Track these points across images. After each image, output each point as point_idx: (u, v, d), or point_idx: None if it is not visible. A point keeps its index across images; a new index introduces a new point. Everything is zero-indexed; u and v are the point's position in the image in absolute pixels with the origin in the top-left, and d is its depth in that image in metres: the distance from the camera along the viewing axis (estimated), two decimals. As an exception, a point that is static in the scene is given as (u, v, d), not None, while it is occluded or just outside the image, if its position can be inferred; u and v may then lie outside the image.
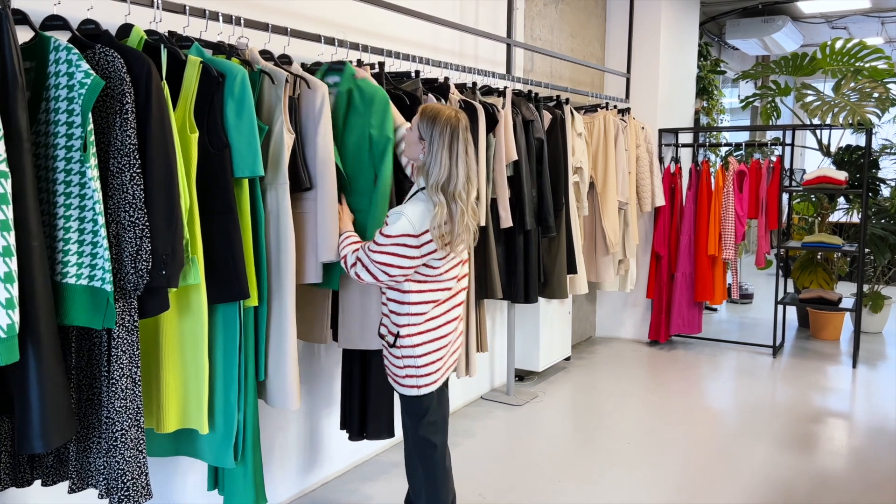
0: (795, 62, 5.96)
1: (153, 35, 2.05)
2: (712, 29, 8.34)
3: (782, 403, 4.47)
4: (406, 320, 2.39)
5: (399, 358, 2.42)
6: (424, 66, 3.32)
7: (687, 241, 5.47)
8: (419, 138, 2.27)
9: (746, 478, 3.38)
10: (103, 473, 1.93)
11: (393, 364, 2.46)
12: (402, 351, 2.40)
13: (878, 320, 6.14)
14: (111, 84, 1.81)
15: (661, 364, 5.30)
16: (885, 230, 5.79)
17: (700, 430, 4.00)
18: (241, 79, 2.11)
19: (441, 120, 2.24)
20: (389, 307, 2.43)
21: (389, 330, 2.44)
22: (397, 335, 2.39)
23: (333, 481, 3.34)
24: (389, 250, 2.28)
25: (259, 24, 2.44)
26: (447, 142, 2.25)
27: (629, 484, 3.31)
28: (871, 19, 8.56)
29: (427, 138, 2.25)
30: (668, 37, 5.73)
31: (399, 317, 2.39)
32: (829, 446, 3.81)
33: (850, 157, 5.66)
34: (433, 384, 2.46)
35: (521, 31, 4.62)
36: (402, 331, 2.39)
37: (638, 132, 5.20)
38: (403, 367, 2.42)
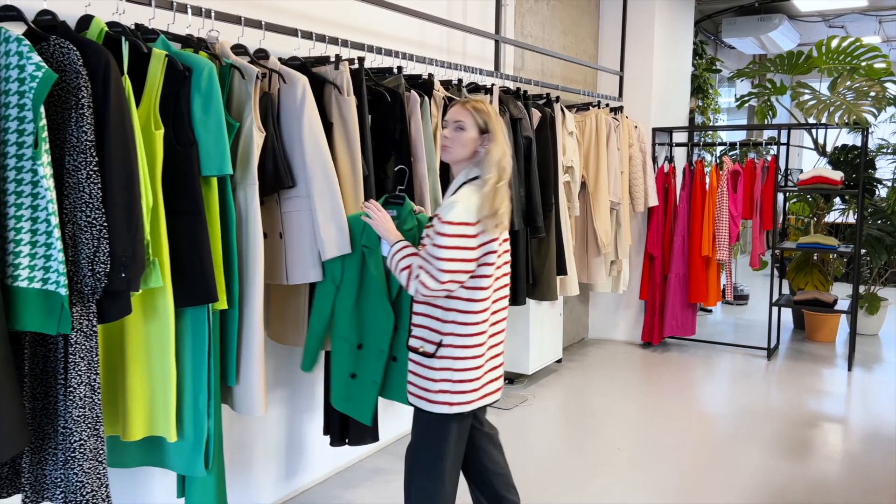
0: (791, 61, 5.88)
1: (115, 27, 1.97)
2: (708, 27, 8.26)
3: (776, 407, 4.39)
4: (451, 328, 2.20)
5: (437, 370, 2.21)
6: (409, 63, 3.23)
7: (681, 241, 5.39)
8: (480, 132, 2.23)
9: (740, 483, 3.30)
10: (60, 486, 1.84)
11: (425, 377, 2.24)
12: (442, 362, 2.21)
13: (875, 322, 6.07)
14: (66, 77, 1.72)
15: (654, 366, 5.22)
16: (882, 231, 5.71)
17: (693, 434, 3.92)
18: (208, 73, 2.02)
19: (492, 111, 2.27)
20: (430, 314, 2.24)
21: (428, 339, 2.24)
22: (439, 344, 2.20)
23: (315, 487, 3.26)
24: (453, 243, 2.10)
25: (231, 17, 2.35)
26: (501, 126, 2.27)
27: (619, 490, 3.23)
28: (869, 18, 8.49)
29: (490, 129, 2.23)
30: (662, 34, 5.65)
31: (444, 324, 2.21)
32: (823, 451, 3.73)
33: (845, 157, 5.59)
34: (467, 403, 2.24)
35: (511, 27, 4.53)
36: (445, 339, 2.21)
37: (631, 131, 5.12)
38: (440, 380, 2.21)
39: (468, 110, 2.23)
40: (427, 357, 2.23)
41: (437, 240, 2.12)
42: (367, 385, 2.57)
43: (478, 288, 2.20)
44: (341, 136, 2.61)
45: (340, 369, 2.58)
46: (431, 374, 2.23)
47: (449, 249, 2.10)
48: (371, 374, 2.55)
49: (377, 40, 3.36)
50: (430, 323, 2.24)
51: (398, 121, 2.88)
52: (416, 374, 2.28)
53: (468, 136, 2.22)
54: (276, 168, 2.36)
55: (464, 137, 2.22)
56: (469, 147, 2.23)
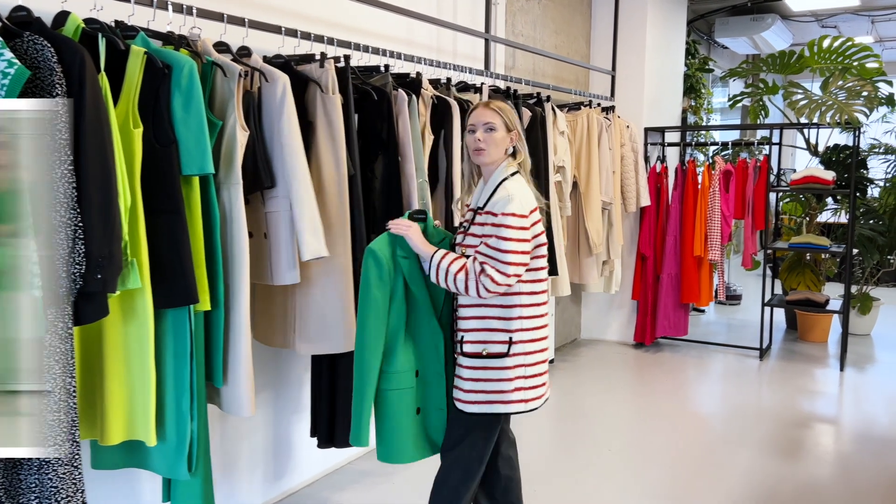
0: (783, 60, 5.86)
1: (93, 24, 1.93)
2: (701, 27, 8.25)
3: (768, 408, 4.37)
4: (518, 324, 2.19)
5: (511, 368, 2.19)
6: (397, 61, 3.20)
7: (673, 241, 5.37)
8: (507, 131, 2.27)
9: (730, 485, 3.28)
10: (35, 492, 1.80)
11: (500, 379, 2.19)
12: (515, 360, 2.19)
13: (867, 322, 6.06)
14: (39, 74, 1.69)
15: (646, 367, 5.20)
16: (874, 231, 5.70)
17: (684, 436, 3.90)
18: (188, 71, 1.99)
19: (513, 111, 2.32)
20: (490, 314, 2.20)
21: (493, 340, 2.20)
22: (510, 342, 2.18)
23: (303, 490, 3.23)
24: (516, 235, 2.12)
25: (213, 14, 2.32)
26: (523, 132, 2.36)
27: (609, 492, 3.21)
28: (861, 18, 8.49)
29: (515, 127, 2.29)
30: (654, 34, 5.63)
31: (510, 321, 2.18)
32: (815, 452, 3.71)
33: (837, 157, 5.58)
34: (538, 399, 2.25)
35: (503, 26, 4.51)
36: (514, 336, 2.19)
37: (623, 131, 5.09)
38: (514, 377, 2.19)
39: (494, 111, 2.26)
40: (498, 358, 2.19)
41: (502, 232, 2.12)
42: (433, 414, 2.36)
43: (536, 280, 2.23)
44: (326, 135, 2.58)
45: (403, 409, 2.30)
46: (505, 374, 2.19)
47: (513, 241, 2.12)
48: (436, 403, 2.35)
49: (365, 38, 3.32)
50: (491, 324, 2.20)
51: (385, 120, 2.84)
52: (481, 380, 2.21)
53: (500, 136, 2.25)
54: (256, 167, 2.33)
55: (496, 137, 2.25)
56: (502, 146, 2.26)
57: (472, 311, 2.23)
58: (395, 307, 2.26)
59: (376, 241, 2.27)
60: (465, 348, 2.23)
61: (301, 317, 2.65)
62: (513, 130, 2.28)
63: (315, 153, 2.58)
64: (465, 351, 2.23)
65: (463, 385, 2.24)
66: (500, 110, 2.27)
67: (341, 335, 2.64)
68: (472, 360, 2.22)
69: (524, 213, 2.16)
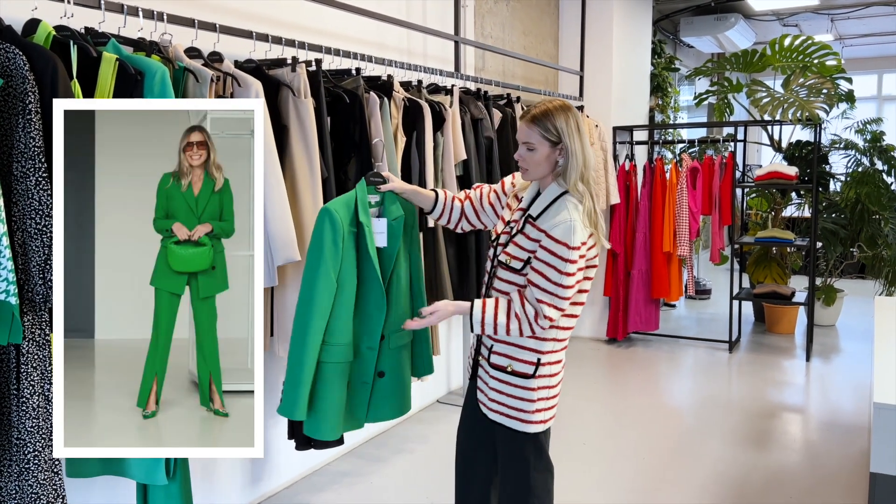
0: (746, 59, 6.00)
1: (63, 31, 1.94)
2: (667, 27, 8.40)
3: (737, 399, 4.48)
4: (551, 346, 2.08)
5: (535, 390, 2.09)
6: (368, 64, 3.24)
7: (642, 238, 5.47)
8: (552, 146, 2.02)
9: (701, 475, 3.36)
10: (15, 498, 1.81)
11: (522, 398, 2.10)
12: (539, 381, 2.09)
13: (832, 313, 6.22)
14: (12, 83, 1.69)
15: (618, 362, 5.29)
16: (836, 224, 5.86)
17: (655, 428, 3.99)
18: (160, 77, 2.00)
19: (560, 114, 2.02)
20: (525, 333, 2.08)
21: (524, 359, 2.09)
22: (538, 363, 2.08)
23: (282, 492, 3.24)
24: (576, 269, 1.96)
25: (184, 20, 2.33)
26: (575, 128, 2.03)
27: (582, 484, 3.27)
28: (821, 17, 8.71)
29: (562, 138, 2.02)
30: (620, 34, 5.72)
31: (543, 342, 2.07)
32: (782, 441, 3.82)
33: (800, 153, 5.73)
34: (553, 418, 2.19)
35: (472, 28, 4.56)
36: (543, 357, 2.08)
37: (591, 130, 5.18)
38: (537, 399, 2.10)
39: (531, 127, 2.03)
40: (524, 378, 2.10)
41: (567, 267, 1.95)
42: (358, 388, 2.28)
43: (577, 303, 2.09)
44: (298, 138, 2.60)
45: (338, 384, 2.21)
46: (529, 394, 2.10)
47: (574, 277, 1.97)
48: (362, 377, 2.27)
49: (336, 42, 3.35)
50: (521, 341, 2.08)
51: (358, 122, 2.87)
52: (504, 394, 2.12)
53: (540, 156, 2.03)
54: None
55: (537, 158, 2.04)
56: (546, 164, 2.05)
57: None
58: (345, 276, 2.15)
59: (334, 202, 2.15)
60: (491, 359, 2.14)
61: (278, 320, 2.68)
62: (560, 143, 2.02)
63: (289, 157, 2.60)
64: (492, 362, 2.14)
65: (487, 392, 2.17)
66: (538, 123, 2.02)
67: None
68: (497, 372, 2.13)
69: (586, 240, 2.00)
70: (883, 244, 5.67)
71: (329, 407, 2.19)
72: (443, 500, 3.11)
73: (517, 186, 2.22)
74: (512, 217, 2.16)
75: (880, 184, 5.58)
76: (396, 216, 2.22)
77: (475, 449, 2.31)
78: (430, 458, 3.57)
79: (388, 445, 3.69)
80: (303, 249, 2.53)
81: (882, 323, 2.89)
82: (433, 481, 3.30)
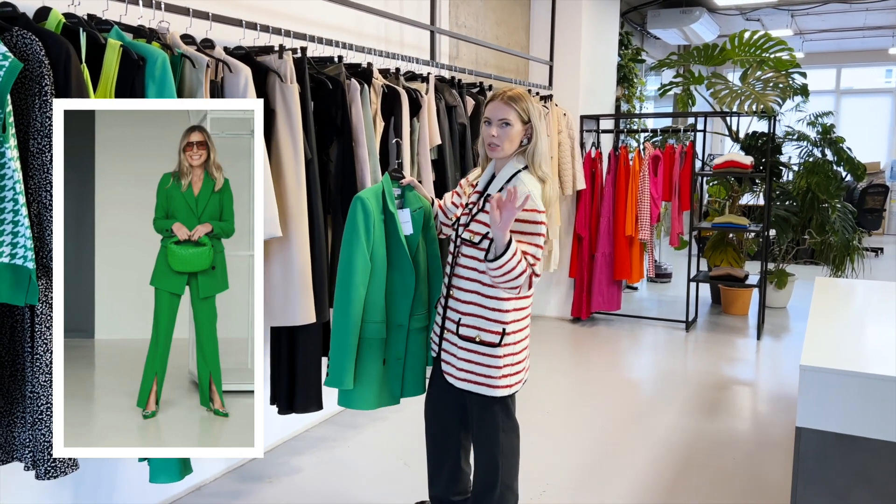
0: (707, 52, 6.28)
1: (72, 18, 2.09)
2: (635, 19, 8.66)
3: (692, 373, 4.78)
4: (513, 315, 2.28)
5: (501, 357, 2.28)
6: (348, 52, 3.41)
7: (606, 222, 5.73)
8: (523, 124, 2.26)
9: (652, 441, 3.64)
10: (28, 447, 1.98)
11: (489, 365, 2.29)
12: (505, 349, 2.28)
13: (783, 296, 6.58)
14: (29, 66, 1.85)
15: (582, 340, 5.57)
16: (788, 211, 6.19)
17: (614, 399, 4.26)
18: (161, 62, 2.17)
19: (527, 97, 2.27)
20: (487, 304, 2.28)
21: (490, 329, 2.28)
22: (503, 332, 2.27)
23: (265, 455, 3.43)
24: (543, 230, 2.19)
25: (180, 9, 2.49)
26: (539, 114, 2.29)
27: (543, 449, 3.52)
28: (782, 12, 9.05)
29: (532, 119, 2.26)
30: (589, 26, 5.95)
31: (506, 313, 2.26)
32: (731, 411, 4.12)
33: (755, 143, 6.03)
34: (520, 383, 2.38)
35: (447, 18, 4.74)
36: (508, 327, 2.27)
37: (560, 118, 5.41)
38: (503, 366, 2.29)
39: (510, 105, 2.24)
40: (490, 346, 2.28)
41: (539, 230, 2.17)
42: (392, 364, 2.49)
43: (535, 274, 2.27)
44: (284, 121, 2.78)
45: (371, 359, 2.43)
46: (496, 361, 2.28)
47: (542, 237, 2.19)
48: (396, 353, 2.49)
49: (318, 30, 3.51)
50: (487, 313, 2.27)
51: (339, 107, 3.05)
52: (472, 363, 2.31)
53: (516, 131, 2.25)
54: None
55: (512, 133, 2.25)
56: (517, 140, 2.27)
57: (470, 296, 2.31)
58: (377, 259, 2.35)
59: (366, 191, 2.35)
60: (461, 331, 2.32)
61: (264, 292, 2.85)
62: (528, 122, 2.27)
63: (275, 139, 2.78)
64: (461, 334, 2.32)
65: (455, 363, 2.35)
66: (515, 103, 2.24)
67: (300, 308, 2.85)
68: (467, 343, 2.31)
69: (543, 209, 2.21)
70: (830, 231, 6.01)
71: (366, 380, 2.42)
72: (415, 462, 3.34)
73: (471, 178, 2.50)
74: (469, 199, 2.41)
75: (830, 173, 5.91)
76: (416, 207, 2.47)
77: (447, 418, 2.56)
78: (402, 425, 3.79)
79: (363, 413, 3.90)
80: (285, 226, 2.72)
81: (818, 300, 3.17)
82: (406, 446, 3.52)
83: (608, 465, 3.38)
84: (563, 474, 3.27)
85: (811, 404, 2.19)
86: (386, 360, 2.48)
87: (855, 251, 6.08)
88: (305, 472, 3.28)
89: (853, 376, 2.12)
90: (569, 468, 3.33)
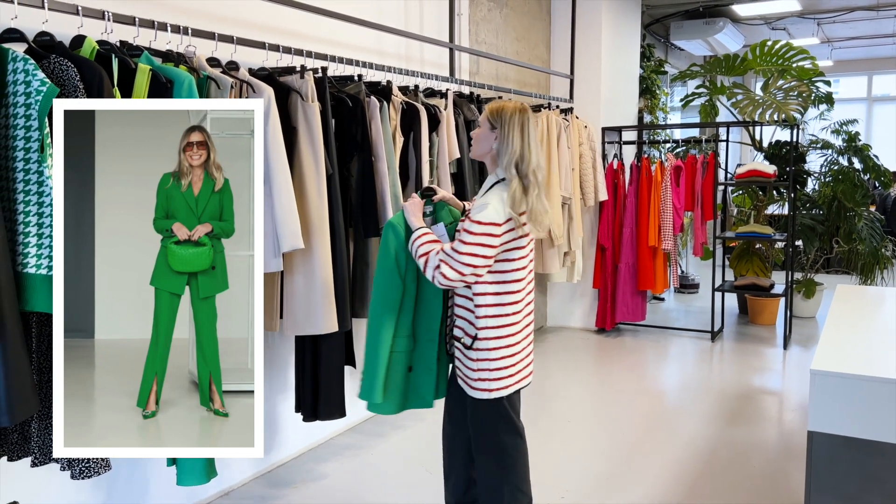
0: (729, 63, 6.29)
1: (105, 45, 2.23)
2: (658, 30, 8.69)
3: (715, 383, 4.77)
4: (484, 322, 2.38)
5: (474, 360, 2.41)
6: (369, 70, 3.53)
7: (629, 233, 5.76)
8: (490, 129, 2.38)
9: (673, 448, 3.65)
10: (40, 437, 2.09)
11: (466, 366, 2.44)
12: (478, 353, 2.40)
13: (812, 305, 6.51)
14: (65, 91, 1.99)
15: (606, 350, 5.59)
16: (814, 220, 6.15)
17: (637, 408, 4.28)
18: (188, 84, 2.29)
19: (509, 109, 2.38)
20: (466, 308, 2.43)
21: (466, 332, 2.43)
22: (475, 337, 2.39)
23: (290, 462, 3.53)
24: (478, 241, 2.27)
25: (206, 34, 2.62)
26: (518, 125, 2.36)
27: (563, 457, 3.56)
28: (808, 21, 9.00)
29: (499, 126, 2.36)
30: (609, 39, 6.02)
31: (478, 319, 2.38)
32: (753, 419, 4.11)
33: (779, 152, 6.01)
34: (506, 388, 2.44)
35: (466, 35, 4.85)
36: (480, 333, 2.39)
37: (581, 131, 5.47)
38: (477, 369, 2.41)
39: (484, 112, 2.43)
40: (466, 348, 2.43)
41: (464, 236, 2.28)
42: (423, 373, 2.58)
43: (503, 282, 2.37)
44: (306, 138, 2.89)
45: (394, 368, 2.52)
46: (471, 363, 2.42)
47: (472, 245, 2.26)
48: (427, 364, 2.57)
49: (339, 50, 3.64)
50: (468, 315, 2.43)
51: (360, 124, 3.17)
52: (458, 360, 2.50)
53: (482, 132, 2.41)
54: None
55: (478, 134, 2.42)
56: (485, 143, 2.40)
57: (459, 300, 2.46)
58: (408, 276, 2.48)
59: (396, 216, 2.52)
60: (454, 332, 2.50)
61: (288, 302, 2.96)
62: (496, 129, 2.37)
63: (297, 155, 2.89)
64: (454, 334, 2.50)
65: (455, 362, 2.53)
66: (489, 110, 2.39)
67: (322, 318, 2.95)
68: (457, 342, 2.48)
69: (495, 221, 2.28)
70: (858, 239, 5.95)
71: (392, 388, 2.52)
72: (438, 469, 3.39)
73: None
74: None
75: (856, 181, 5.87)
76: (449, 221, 2.58)
77: (455, 417, 2.64)
78: (425, 433, 3.86)
79: (387, 422, 3.98)
80: (308, 238, 2.83)
81: (837, 307, 3.18)
82: (430, 454, 3.59)
83: (627, 471, 3.41)
84: (583, 480, 3.30)
85: (822, 408, 2.21)
86: (413, 368, 2.57)
87: (884, 259, 6.01)
88: (330, 478, 3.36)
89: (863, 380, 2.14)
90: (588, 475, 3.37)
